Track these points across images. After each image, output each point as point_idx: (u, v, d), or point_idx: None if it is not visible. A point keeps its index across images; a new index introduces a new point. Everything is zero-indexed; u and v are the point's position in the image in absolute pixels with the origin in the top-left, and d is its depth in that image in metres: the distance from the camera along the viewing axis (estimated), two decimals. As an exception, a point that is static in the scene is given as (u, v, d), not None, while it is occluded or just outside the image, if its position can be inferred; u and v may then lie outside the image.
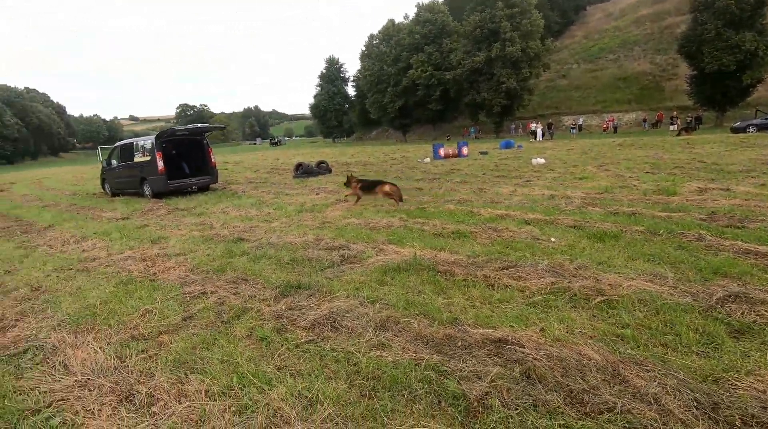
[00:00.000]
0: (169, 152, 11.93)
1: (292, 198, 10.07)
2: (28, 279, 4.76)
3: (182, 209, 9.35)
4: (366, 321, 3.12)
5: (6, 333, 3.34)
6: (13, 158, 76.02)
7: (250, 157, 33.45)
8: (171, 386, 2.43)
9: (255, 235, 6.23)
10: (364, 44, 61.06)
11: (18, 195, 15.40)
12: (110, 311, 3.65)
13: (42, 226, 8.26)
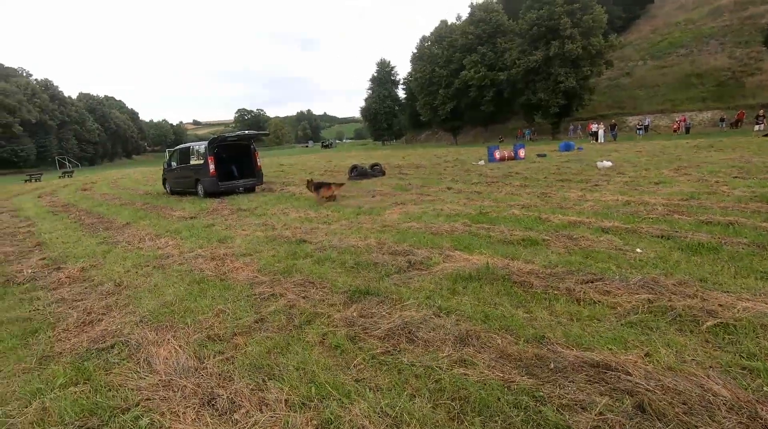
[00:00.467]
0: (220, 156, 12.73)
1: (349, 201, 10.09)
2: (111, 274, 5.05)
3: (244, 210, 9.65)
4: (443, 334, 2.94)
5: (95, 327, 3.51)
6: (94, 160, 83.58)
7: (304, 160, 34.36)
8: (251, 393, 2.39)
9: (316, 237, 6.25)
10: (416, 46, 61.03)
11: (99, 194, 16.76)
12: (186, 309, 3.74)
13: (121, 224, 8.84)
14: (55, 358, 3.01)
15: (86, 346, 3.14)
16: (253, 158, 13.34)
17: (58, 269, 5.44)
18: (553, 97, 40.85)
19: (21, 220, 10.67)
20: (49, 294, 4.48)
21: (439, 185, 11.65)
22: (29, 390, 2.57)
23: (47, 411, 2.34)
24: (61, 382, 2.64)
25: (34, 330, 3.54)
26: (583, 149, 22.43)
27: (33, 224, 9.71)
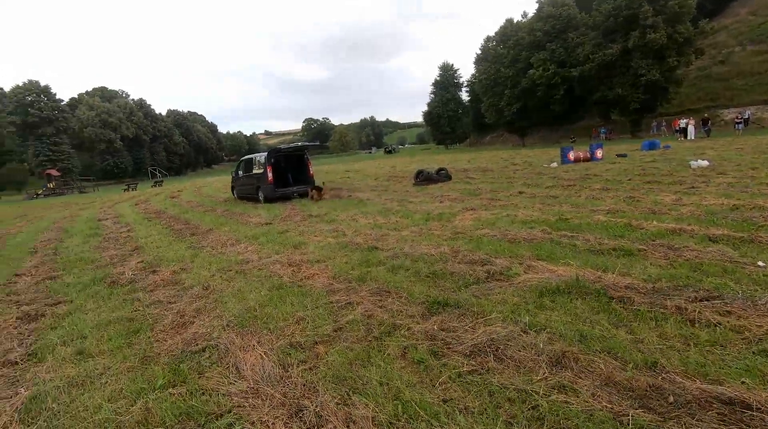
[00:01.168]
0: (278, 166, 14.04)
1: (417, 206, 9.99)
2: (199, 278, 5.37)
3: (315, 216, 9.92)
4: (535, 353, 2.71)
5: (187, 329, 3.72)
6: (179, 170, 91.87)
7: (369, 165, 34.88)
8: (337, 407, 2.35)
9: (387, 244, 6.20)
10: (480, 47, 59.84)
11: (185, 201, 18.26)
12: (268, 316, 3.84)
13: (204, 229, 9.49)
14: (155, 359, 3.21)
15: (181, 348, 3.32)
16: (306, 166, 14.53)
17: (153, 272, 5.91)
18: (633, 92, 37.80)
19: (122, 225, 11.88)
20: (147, 295, 4.86)
21: (509, 190, 11.15)
22: (134, 389, 2.75)
23: (150, 411, 2.47)
24: (161, 383, 2.79)
25: (135, 330, 3.83)
26: (671, 147, 20.41)
27: (131, 229, 10.75)
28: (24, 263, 7.53)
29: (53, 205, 25.15)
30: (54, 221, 14.87)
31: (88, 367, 3.16)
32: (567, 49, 45.34)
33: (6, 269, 7.10)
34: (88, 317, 4.24)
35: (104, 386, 2.86)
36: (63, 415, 2.56)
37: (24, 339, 3.84)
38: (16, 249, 9.25)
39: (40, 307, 4.71)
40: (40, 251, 8.69)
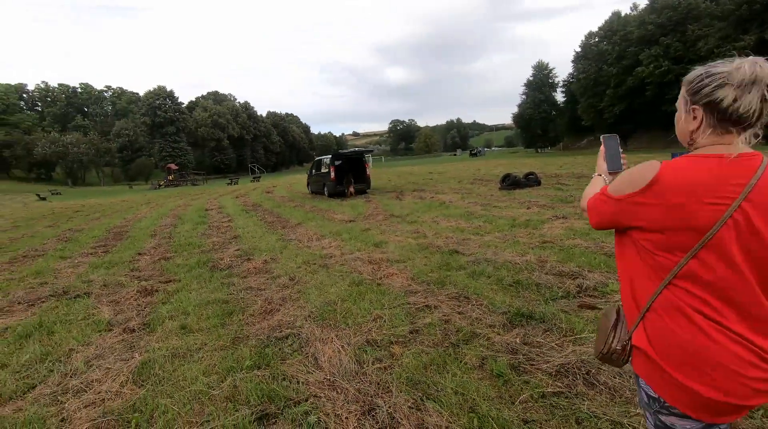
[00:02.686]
0: (341, 167, 16.41)
1: (502, 211, 9.58)
2: (287, 268, 5.71)
3: (396, 216, 10.01)
4: (634, 383, 2.40)
5: (274, 316, 3.95)
6: (275, 167, 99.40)
7: (452, 168, 34.41)
8: (410, 411, 2.31)
9: (469, 249, 6.02)
10: (579, 44, 55.79)
11: (278, 196, 19.66)
12: (347, 311, 3.93)
13: (294, 223, 10.09)
14: (244, 341, 3.46)
15: (267, 333, 3.54)
16: (364, 168, 17.06)
17: (248, 260, 6.42)
18: (770, 90, 32.33)
19: (224, 216, 13.13)
20: (241, 281, 5.28)
21: (608, 198, 10.17)
22: (225, 366, 2.99)
23: (237, 389, 2.66)
24: (248, 363, 3.00)
25: (229, 312, 4.17)
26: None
27: (232, 220, 11.82)
28: (145, 244, 8.67)
29: (171, 195, 28.72)
30: (171, 209, 16.94)
31: (188, 341, 3.51)
32: (685, 43, 40.31)
33: (132, 249, 8.23)
34: (192, 296, 4.72)
35: (201, 360, 3.15)
36: (166, 382, 2.87)
37: (141, 310, 4.40)
38: (140, 232, 10.69)
39: (155, 283, 5.36)
40: (158, 234, 9.93)
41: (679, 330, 1.08)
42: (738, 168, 1.05)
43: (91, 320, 4.16)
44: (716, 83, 1.08)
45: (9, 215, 20.07)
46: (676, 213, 1.06)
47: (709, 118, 1.11)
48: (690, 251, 1.06)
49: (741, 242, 1.03)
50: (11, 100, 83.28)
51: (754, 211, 1.02)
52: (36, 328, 4.00)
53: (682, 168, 1.09)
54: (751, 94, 1.03)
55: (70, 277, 6.06)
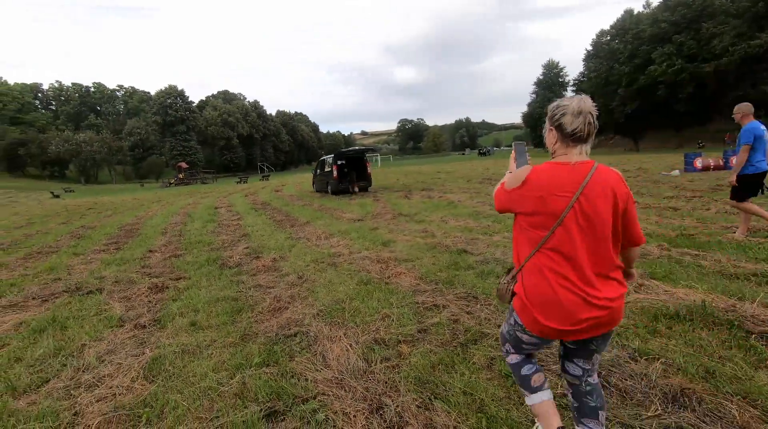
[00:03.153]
0: (343, 166, 16.93)
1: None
2: (295, 267, 5.73)
3: (405, 215, 10.01)
4: (646, 385, 2.37)
5: (282, 314, 3.97)
6: (284, 165, 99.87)
7: (461, 167, 34.29)
8: (418, 410, 2.30)
9: (477, 248, 5.99)
10: (591, 43, 55.19)
11: (287, 195, 19.76)
12: (355, 309, 3.94)
13: (302, 222, 10.13)
14: (253, 338, 3.48)
15: (275, 331, 3.56)
16: (365, 167, 17.87)
17: (257, 258, 6.45)
18: (786, 89, 31.72)
19: (233, 214, 13.23)
20: (250, 279, 5.32)
21: (619, 198, 10.06)
22: (234, 363, 3.01)
23: (246, 386, 2.68)
24: (256, 360, 3.02)
25: (238, 309, 4.20)
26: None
27: (241, 218, 11.91)
28: (156, 241, 8.76)
29: (181, 194, 29.02)
30: (181, 207, 17.12)
31: (198, 337, 3.55)
32: (699, 41, 39.69)
33: (143, 246, 8.32)
34: (202, 293, 4.76)
35: (210, 357, 3.18)
36: (176, 378, 2.89)
37: (152, 306, 4.45)
38: (151, 229, 10.82)
39: (166, 280, 5.41)
40: (168, 232, 10.04)
41: (538, 284, 1.59)
42: (577, 172, 1.55)
43: (103, 316, 4.21)
44: (561, 112, 1.59)
45: (24, 212, 20.44)
46: (540, 202, 1.55)
47: (559, 136, 1.62)
48: (551, 229, 1.54)
49: (578, 222, 1.52)
50: (26, 99, 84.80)
51: (586, 200, 1.52)
52: (49, 323, 4.06)
53: (543, 171, 1.59)
54: (578, 120, 1.55)
55: (82, 274, 6.15)
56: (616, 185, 1.57)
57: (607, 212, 1.53)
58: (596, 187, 1.53)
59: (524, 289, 1.65)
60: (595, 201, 1.52)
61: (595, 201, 1.52)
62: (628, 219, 1.61)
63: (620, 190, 1.57)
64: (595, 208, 1.52)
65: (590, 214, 1.52)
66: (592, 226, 1.52)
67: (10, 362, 3.34)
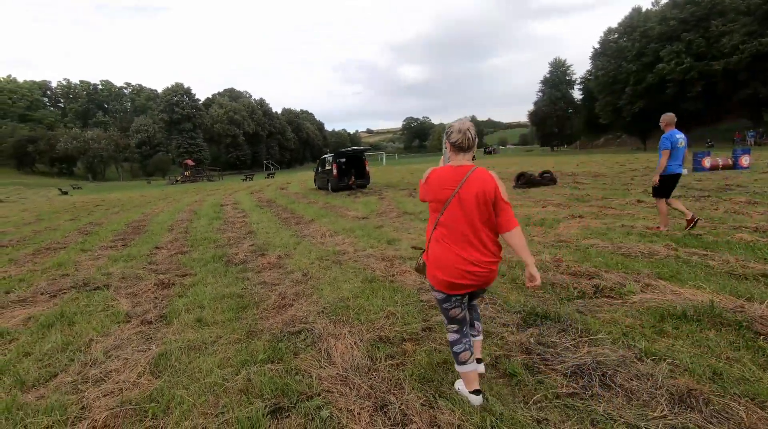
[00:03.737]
0: (342, 164, 17.69)
1: (516, 209, 9.48)
2: (300, 264, 5.75)
3: (410, 213, 10.00)
4: (652, 386, 2.35)
5: (287, 310, 3.99)
6: (289, 163, 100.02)
7: (466, 166, 34.12)
8: (422, 408, 2.30)
9: (483, 247, 5.97)
10: (598, 41, 54.66)
11: (292, 193, 19.81)
12: (360, 307, 3.94)
13: (307, 220, 10.15)
14: (258, 335, 3.50)
15: (280, 328, 3.57)
16: (364, 165, 18.58)
17: (262, 255, 6.48)
18: (798, 88, 31.27)
19: (239, 211, 13.29)
20: (255, 276, 5.34)
21: (625, 197, 10.00)
22: (239, 360, 3.03)
23: (251, 382, 2.69)
24: (261, 357, 3.03)
25: (244, 306, 4.22)
26: None
27: (247, 215, 11.96)
28: (162, 238, 8.82)
29: (188, 191, 29.18)
30: (187, 204, 17.21)
31: (204, 334, 3.57)
32: (708, 39, 39.20)
33: (149, 243, 8.38)
34: (207, 290, 4.79)
35: (215, 353, 3.20)
36: (182, 373, 2.92)
37: (158, 303, 4.48)
38: (157, 226, 10.89)
39: (172, 277, 5.45)
40: (175, 229, 10.11)
41: (435, 249, 2.25)
42: (459, 172, 2.18)
43: (110, 312, 4.25)
44: (450, 131, 2.23)
45: (33, 209, 20.66)
46: (434, 193, 2.22)
47: (450, 147, 2.24)
48: (440, 212, 2.21)
49: (459, 207, 2.15)
50: (35, 97, 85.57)
51: (463, 193, 2.14)
52: (58, 318, 4.11)
53: (438, 171, 2.25)
54: (460, 135, 2.19)
55: (90, 270, 6.21)
56: (485, 183, 2.15)
57: (478, 202, 2.13)
58: (472, 184, 2.14)
59: (429, 256, 2.32)
60: (468, 193, 2.14)
61: (468, 193, 2.14)
62: (497, 209, 2.18)
63: (488, 187, 2.14)
64: (468, 198, 2.14)
65: (465, 202, 2.14)
66: (466, 211, 2.15)
67: (19, 356, 3.38)
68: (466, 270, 2.17)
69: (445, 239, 2.21)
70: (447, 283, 2.22)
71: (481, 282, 2.24)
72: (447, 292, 2.28)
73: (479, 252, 2.19)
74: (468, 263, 2.17)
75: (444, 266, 2.21)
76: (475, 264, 2.17)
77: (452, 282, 2.20)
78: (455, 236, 2.18)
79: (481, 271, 2.19)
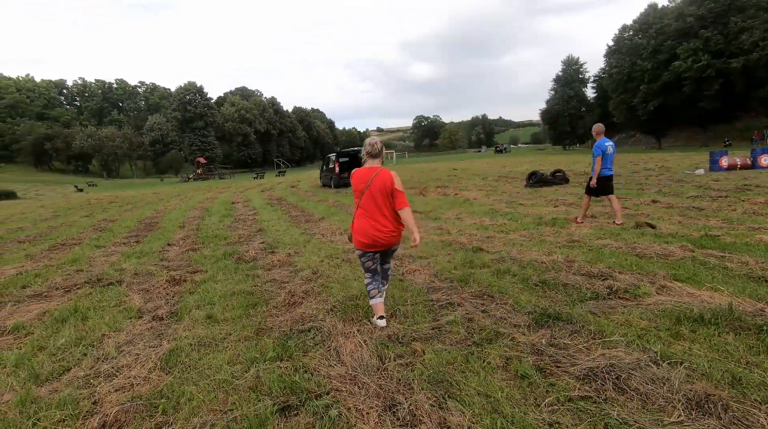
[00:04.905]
0: (344, 162, 18.83)
1: (527, 208, 9.38)
2: (309, 262, 5.76)
3: (419, 212, 9.95)
4: (668, 390, 2.29)
5: (296, 308, 3.99)
6: (300, 162, 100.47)
7: (477, 165, 33.92)
8: (431, 409, 2.28)
9: (493, 246, 5.92)
10: (612, 38, 53.84)
11: (303, 191, 19.89)
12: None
13: (317, 218, 10.18)
14: (267, 332, 3.50)
15: (289, 326, 3.58)
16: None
17: (272, 253, 6.51)
18: (820, 85, 30.41)
19: (250, 209, 13.38)
20: (265, 273, 5.36)
21: (640, 197, 9.85)
22: (248, 357, 3.03)
23: (260, 380, 2.69)
24: (270, 355, 3.03)
25: (253, 303, 4.23)
26: None
27: (257, 213, 12.03)
28: (174, 235, 8.92)
29: (200, 188, 29.49)
30: (199, 202, 17.40)
31: (214, 330, 3.59)
32: (727, 36, 38.34)
33: (161, 239, 8.48)
34: (218, 287, 4.82)
35: (225, 350, 3.21)
36: (192, 370, 2.93)
37: (169, 299, 4.52)
38: (170, 223, 11.02)
39: (183, 273, 5.50)
40: (186, 226, 10.21)
41: (357, 222, 3.42)
42: (370, 171, 3.36)
43: (123, 307, 4.30)
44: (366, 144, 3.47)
45: (50, 205, 21.07)
46: (355, 185, 3.42)
47: (367, 155, 3.44)
48: (359, 197, 3.39)
49: (368, 195, 3.33)
50: (51, 95, 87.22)
51: (372, 185, 3.31)
52: (71, 314, 4.17)
53: (358, 171, 3.44)
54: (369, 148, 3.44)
55: (103, 266, 6.30)
56: (386, 179, 3.29)
57: (380, 191, 3.29)
58: (376, 179, 3.29)
59: (354, 227, 3.46)
60: (375, 185, 3.29)
61: (375, 185, 3.29)
62: (394, 195, 3.32)
63: (387, 182, 3.29)
64: (376, 189, 3.29)
65: (373, 192, 3.30)
66: (374, 197, 3.31)
67: (33, 350, 3.44)
68: (375, 235, 3.33)
69: (363, 215, 3.38)
70: (364, 243, 3.39)
71: (387, 243, 3.42)
72: (364, 250, 3.44)
73: (386, 222, 3.35)
74: (376, 231, 3.33)
75: (363, 233, 3.37)
76: (381, 231, 3.33)
77: (367, 243, 3.38)
78: (369, 213, 3.35)
79: (385, 235, 3.36)
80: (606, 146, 7.02)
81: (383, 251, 3.54)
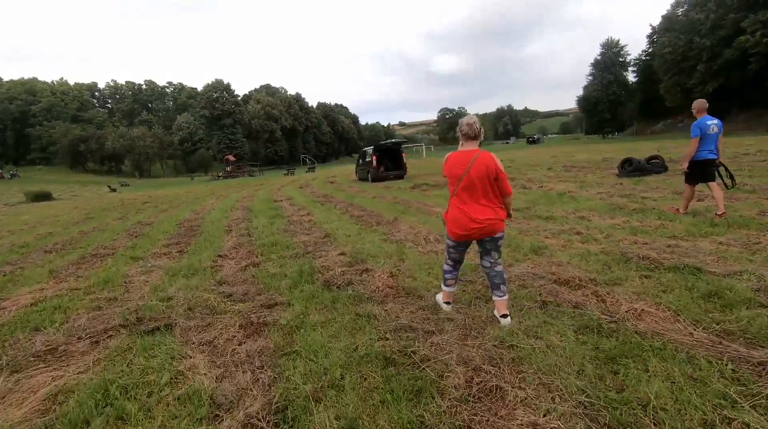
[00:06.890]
0: (381, 156, 18.80)
1: (659, 202, 7.31)
2: (429, 285, 3.94)
3: (516, 209, 8.01)
4: None
5: (502, 401, 2.17)
6: (325, 158, 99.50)
7: (519, 155, 31.35)
8: None
9: (705, 263, 3.96)
10: (662, 16, 49.84)
11: (346, 186, 18.20)
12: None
13: (389, 218, 8.35)
14: None
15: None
16: (401, 157, 19.39)
17: (366, 271, 4.71)
18: None
19: (297, 208, 11.74)
20: (381, 310, 3.55)
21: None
22: None
23: None
24: None
25: (413, 388, 2.44)
26: None
27: (309, 213, 10.34)
28: (223, 243, 7.31)
29: (231, 186, 28.32)
30: (237, 200, 15.93)
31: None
32: (802, 4, 34.31)
33: (209, 248, 6.88)
34: (324, 340, 3.06)
35: None
36: None
37: (256, 371, 2.69)
38: (212, 226, 9.48)
39: (257, 308, 3.80)
40: (233, 230, 8.61)
41: (451, 211, 3.19)
42: (468, 155, 3.05)
43: (183, 390, 2.52)
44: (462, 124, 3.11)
45: (83, 206, 20.17)
46: (450, 170, 3.14)
47: (462, 136, 3.12)
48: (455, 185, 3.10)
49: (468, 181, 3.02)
50: (85, 97, 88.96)
51: (473, 171, 3.00)
52: (96, 406, 2.44)
53: (453, 155, 3.13)
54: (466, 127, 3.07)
55: (143, 291, 4.68)
56: (489, 163, 2.99)
57: (482, 177, 2.99)
58: (477, 164, 3.00)
59: (448, 216, 3.25)
60: (476, 170, 3.00)
61: (476, 170, 3.00)
62: (498, 181, 3.03)
63: (490, 166, 2.98)
64: (477, 174, 3.00)
65: (473, 177, 3.00)
66: (473, 184, 3.02)
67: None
68: (472, 227, 3.03)
69: (458, 205, 3.11)
70: (458, 234, 3.14)
71: (486, 232, 3.05)
72: (458, 242, 3.23)
73: (485, 212, 3.03)
74: (474, 222, 3.02)
75: (458, 224, 3.11)
76: (478, 220, 3.01)
77: (461, 234, 3.12)
78: (465, 202, 3.07)
79: (482, 226, 3.01)
80: (708, 125, 5.88)
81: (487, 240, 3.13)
